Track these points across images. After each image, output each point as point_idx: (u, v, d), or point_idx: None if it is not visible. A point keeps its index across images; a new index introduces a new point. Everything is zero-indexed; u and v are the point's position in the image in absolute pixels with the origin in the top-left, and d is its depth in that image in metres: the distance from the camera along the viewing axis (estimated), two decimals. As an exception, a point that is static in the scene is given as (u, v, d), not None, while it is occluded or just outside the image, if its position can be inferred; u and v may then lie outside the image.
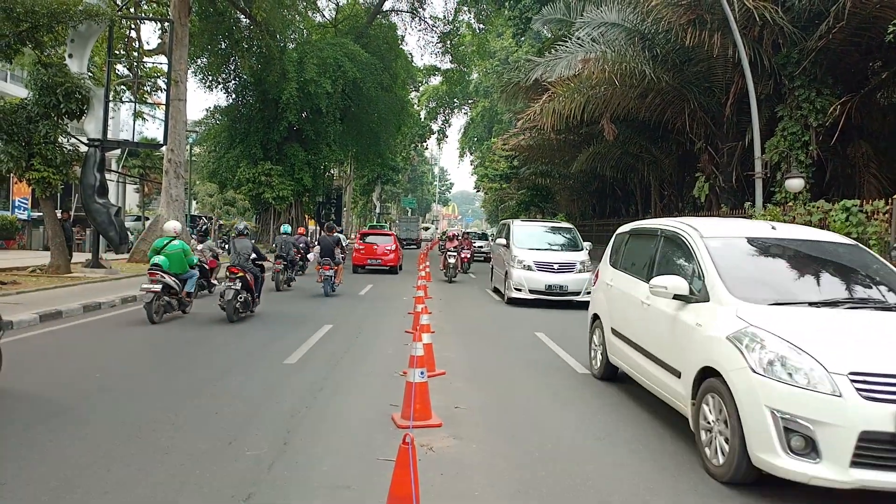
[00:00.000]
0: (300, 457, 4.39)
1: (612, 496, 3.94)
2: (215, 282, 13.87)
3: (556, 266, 13.95)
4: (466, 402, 5.96)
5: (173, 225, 11.19)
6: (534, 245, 14.76)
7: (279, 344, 8.50)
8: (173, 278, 10.14)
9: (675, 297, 4.98)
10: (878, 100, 16.61)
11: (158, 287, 9.76)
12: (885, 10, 13.63)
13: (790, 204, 16.42)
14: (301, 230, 21.73)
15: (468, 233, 27.30)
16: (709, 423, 4.36)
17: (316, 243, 16.84)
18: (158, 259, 10.17)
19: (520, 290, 13.84)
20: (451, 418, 5.37)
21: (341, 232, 27.41)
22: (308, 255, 18.51)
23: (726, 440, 4.12)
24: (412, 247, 46.69)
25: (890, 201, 13.53)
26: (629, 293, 6.13)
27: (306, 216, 36.49)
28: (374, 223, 59.59)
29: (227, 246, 19.96)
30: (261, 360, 7.48)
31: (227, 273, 10.67)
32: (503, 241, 15.65)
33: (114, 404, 5.52)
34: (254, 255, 11.16)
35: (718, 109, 18.90)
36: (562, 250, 14.99)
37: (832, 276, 5.20)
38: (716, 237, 5.32)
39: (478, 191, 68.34)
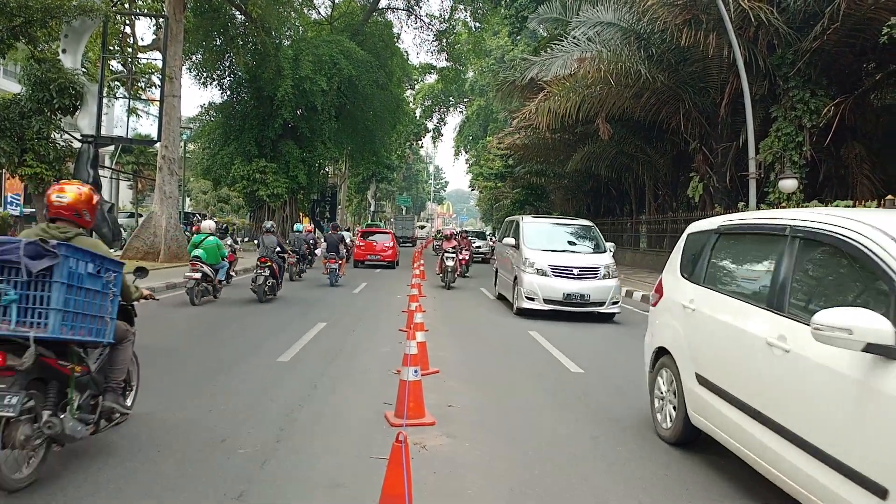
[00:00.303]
0: (293, 455, 4.38)
1: (607, 495, 3.94)
2: (233, 273, 15.10)
3: (575, 271, 11.77)
4: (460, 400, 5.97)
5: (209, 224, 13.37)
6: (548, 245, 12.63)
7: (272, 342, 8.49)
8: (209, 268, 12.01)
9: (869, 347, 2.87)
10: (871, 101, 16.71)
11: (199, 275, 11.61)
12: (880, 11, 13.69)
13: (784, 204, 16.49)
14: (309, 228, 23.63)
15: (466, 231, 23.02)
16: None
17: (323, 240, 18.86)
18: (198, 252, 12.04)
19: (532, 299, 11.68)
20: (445, 417, 5.37)
21: (347, 230, 30.94)
22: (315, 251, 19.97)
23: None
24: (408, 244, 47.45)
25: (883, 202, 13.62)
26: (734, 325, 4.11)
27: (301, 214, 36.40)
28: (370, 222, 60.54)
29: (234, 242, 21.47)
30: (254, 358, 7.47)
31: (258, 263, 12.83)
32: (511, 240, 13.17)
33: (106, 402, 5.49)
34: (278, 249, 13.39)
35: (713, 110, 18.96)
36: (581, 252, 12.83)
37: None
38: None
39: (473, 189, 68.30)
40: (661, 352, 5.16)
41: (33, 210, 20.01)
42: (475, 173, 55.89)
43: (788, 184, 15.59)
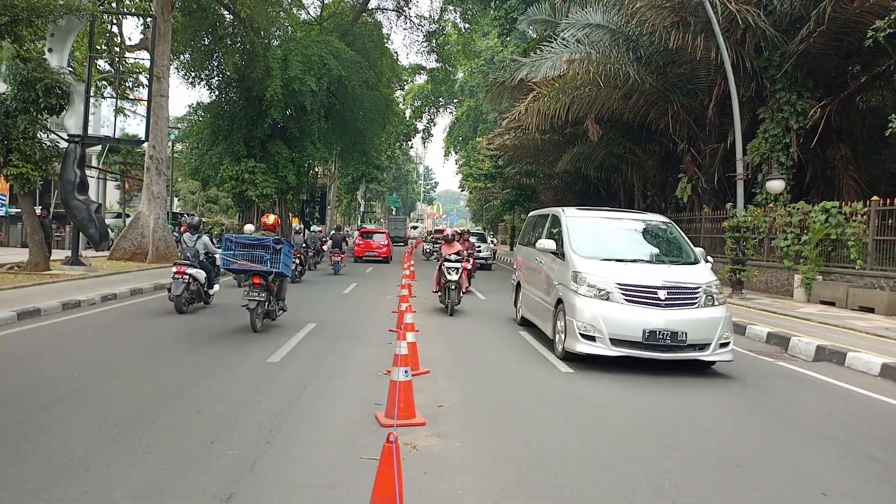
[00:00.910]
0: (283, 456, 4.37)
1: (595, 495, 3.96)
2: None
3: (661, 294, 7.46)
4: (450, 400, 5.97)
5: (250, 227, 16.12)
6: (609, 252, 8.40)
7: (262, 343, 8.45)
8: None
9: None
10: (857, 103, 16.89)
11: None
12: (865, 15, 13.85)
13: (771, 205, 16.65)
14: (320, 228, 26.69)
15: (467, 232, 17.33)
16: None
17: (329, 239, 22.79)
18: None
19: (592, 337, 7.44)
20: (435, 417, 5.37)
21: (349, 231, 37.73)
22: (323, 247, 23.01)
23: None
24: (400, 244, 48.70)
25: (868, 203, 13.77)
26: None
27: (290, 214, 36.28)
28: (361, 223, 61.19)
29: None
30: (243, 360, 7.44)
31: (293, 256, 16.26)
32: (548, 244, 8.85)
33: (94, 404, 5.45)
34: (304, 245, 18.77)
35: (701, 111, 19.10)
36: (661, 262, 8.40)
37: None
38: None
39: (462, 190, 68.37)
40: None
41: (19, 210, 19.80)
42: (465, 174, 55.95)
43: (775, 185, 15.73)
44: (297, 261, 16.73)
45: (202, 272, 11.20)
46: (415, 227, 71.67)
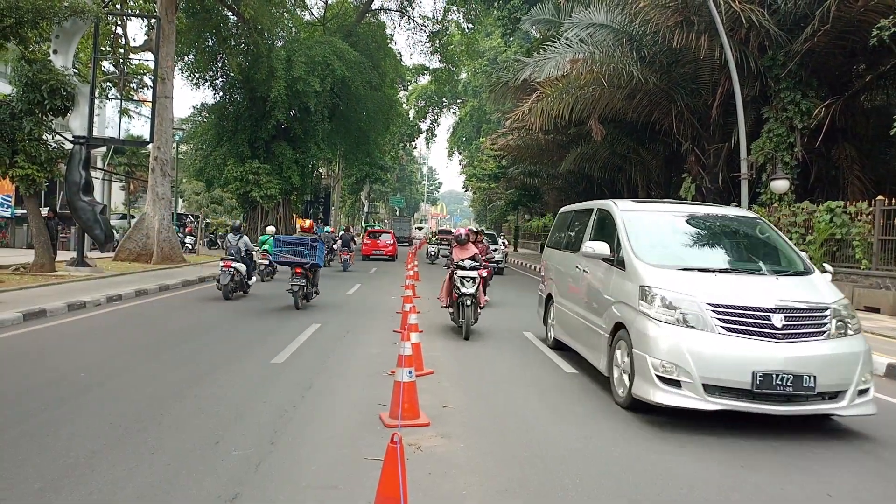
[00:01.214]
0: (287, 457, 4.38)
1: (599, 496, 3.96)
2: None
3: (776, 319, 5.35)
4: (454, 401, 5.97)
5: (272, 229, 18.73)
6: (686, 259, 6.33)
7: (266, 343, 8.47)
8: (270, 257, 15.80)
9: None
10: (861, 102, 16.84)
11: (267, 262, 16.69)
12: (869, 13, 13.80)
13: (775, 205, 16.61)
14: (332, 229, 28.44)
15: (481, 233, 15.69)
16: None
17: (339, 238, 24.56)
18: (266, 247, 16.95)
19: (675, 382, 5.31)
20: (439, 418, 5.38)
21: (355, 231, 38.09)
22: (334, 246, 24.24)
23: None
24: (404, 244, 49.34)
25: (873, 203, 13.72)
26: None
27: (294, 215, 36.35)
28: (369, 223, 62.19)
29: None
30: (248, 360, 7.46)
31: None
32: (599, 247, 6.74)
33: (99, 404, 5.47)
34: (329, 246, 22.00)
35: (705, 111, 19.06)
36: (761, 273, 6.19)
37: None
38: None
39: (466, 190, 68.44)
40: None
41: (25, 211, 19.88)
42: (469, 174, 55.99)
43: (780, 184, 15.70)
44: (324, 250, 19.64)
45: (243, 266, 13.31)
46: (420, 228, 72.55)
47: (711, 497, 4.00)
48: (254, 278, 14.20)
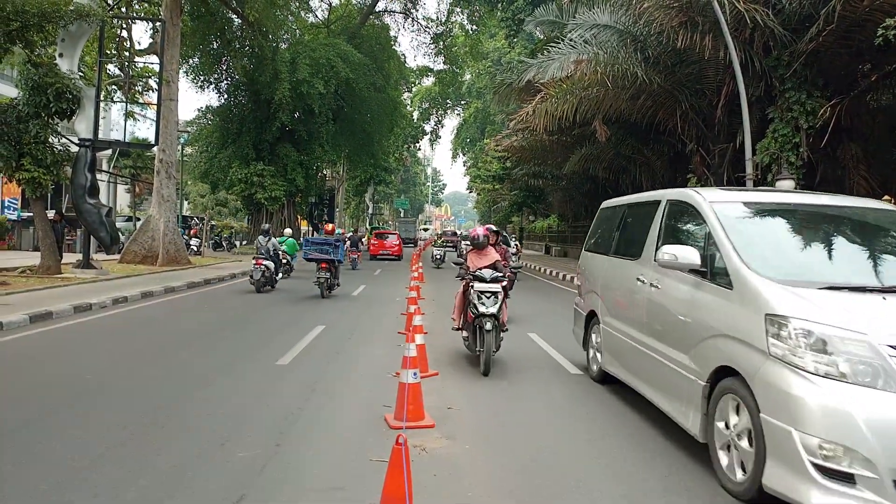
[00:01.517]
0: (292, 458, 4.38)
1: (603, 498, 3.95)
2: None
3: None
4: (459, 402, 5.97)
5: (289, 231, 19.25)
6: (825, 272, 4.34)
7: (271, 345, 8.48)
8: (289, 257, 17.81)
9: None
10: (867, 102, 16.73)
11: (285, 260, 17.50)
12: (875, 13, 13.74)
13: (781, 205, 16.51)
14: (343, 230, 29.18)
15: (498, 233, 11.70)
16: None
17: (347, 239, 24.91)
18: (284, 248, 17.48)
19: (848, 476, 3.30)
20: (445, 419, 5.37)
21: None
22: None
23: None
24: (409, 245, 50.27)
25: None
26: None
27: (298, 216, 36.42)
28: (369, 225, 62.59)
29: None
30: (253, 362, 7.46)
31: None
32: (686, 253, 4.70)
33: (105, 406, 5.49)
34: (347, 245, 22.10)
35: (710, 111, 19.01)
36: None
37: None
38: None
39: (470, 191, 68.45)
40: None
41: (31, 214, 19.97)
42: (473, 175, 55.99)
43: (785, 184, 15.59)
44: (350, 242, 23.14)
45: (272, 264, 15.09)
46: (426, 229, 73.22)
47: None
48: (279, 275, 15.90)
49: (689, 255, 4.66)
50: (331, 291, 14.39)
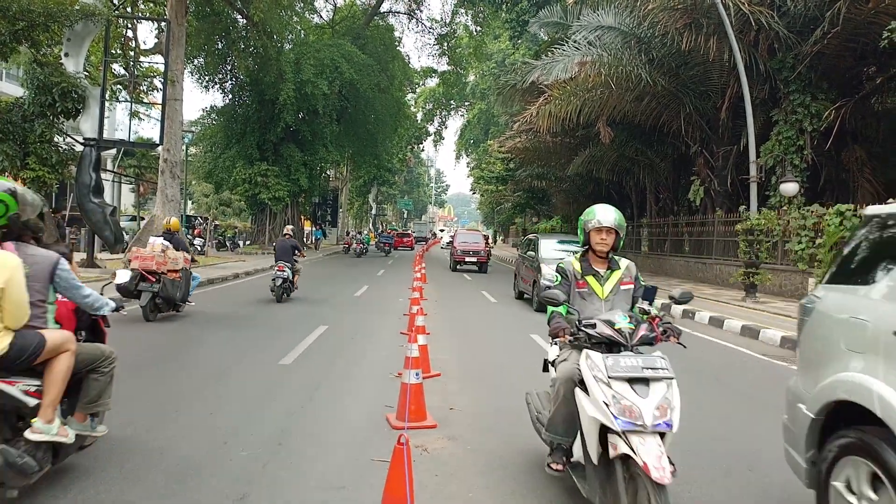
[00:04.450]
0: (295, 457, 4.39)
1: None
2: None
3: None
4: (461, 403, 5.97)
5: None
6: None
7: (274, 345, 8.50)
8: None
9: None
10: (872, 105, 16.71)
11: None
12: (880, 15, 13.72)
13: (784, 208, 16.53)
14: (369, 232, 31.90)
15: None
16: None
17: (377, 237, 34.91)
18: None
19: None
20: (446, 419, 5.38)
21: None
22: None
23: None
24: (421, 242, 62.55)
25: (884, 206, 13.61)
26: None
27: (302, 217, 36.47)
28: (373, 226, 65.10)
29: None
30: (256, 361, 7.48)
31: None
32: None
33: (108, 404, 5.50)
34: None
35: (714, 113, 19.00)
36: None
37: None
38: None
39: (474, 193, 68.46)
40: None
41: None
42: (476, 176, 55.98)
43: (789, 187, 15.61)
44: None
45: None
46: (442, 230, 78.10)
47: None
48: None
49: None
50: (360, 256, 16.99)
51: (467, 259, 26.28)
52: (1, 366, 3.29)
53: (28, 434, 3.32)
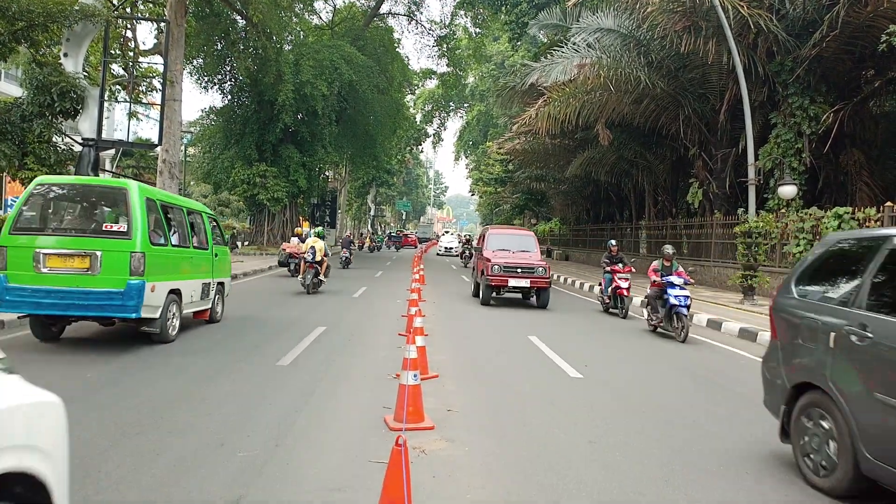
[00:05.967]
0: (292, 459, 4.38)
1: (604, 499, 3.95)
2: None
3: None
4: (459, 404, 5.97)
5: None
6: None
7: (271, 346, 8.49)
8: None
9: None
10: (870, 108, 16.76)
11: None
12: (879, 19, 13.76)
13: (783, 210, 16.55)
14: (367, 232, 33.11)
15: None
16: None
17: (388, 237, 47.32)
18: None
19: None
20: (444, 421, 5.37)
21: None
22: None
23: None
24: (424, 242, 65.71)
25: (881, 209, 13.64)
26: None
27: (301, 218, 36.44)
28: (372, 227, 64.50)
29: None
30: (253, 362, 7.47)
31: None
32: None
33: (104, 406, 5.49)
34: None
35: (712, 116, 19.03)
36: None
37: None
38: None
39: (472, 194, 68.50)
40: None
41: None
42: (475, 178, 56.05)
43: (787, 190, 15.64)
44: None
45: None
46: (447, 232, 76.35)
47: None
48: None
49: None
50: (373, 253, 18.21)
51: (513, 282, 13.92)
52: None
53: None
